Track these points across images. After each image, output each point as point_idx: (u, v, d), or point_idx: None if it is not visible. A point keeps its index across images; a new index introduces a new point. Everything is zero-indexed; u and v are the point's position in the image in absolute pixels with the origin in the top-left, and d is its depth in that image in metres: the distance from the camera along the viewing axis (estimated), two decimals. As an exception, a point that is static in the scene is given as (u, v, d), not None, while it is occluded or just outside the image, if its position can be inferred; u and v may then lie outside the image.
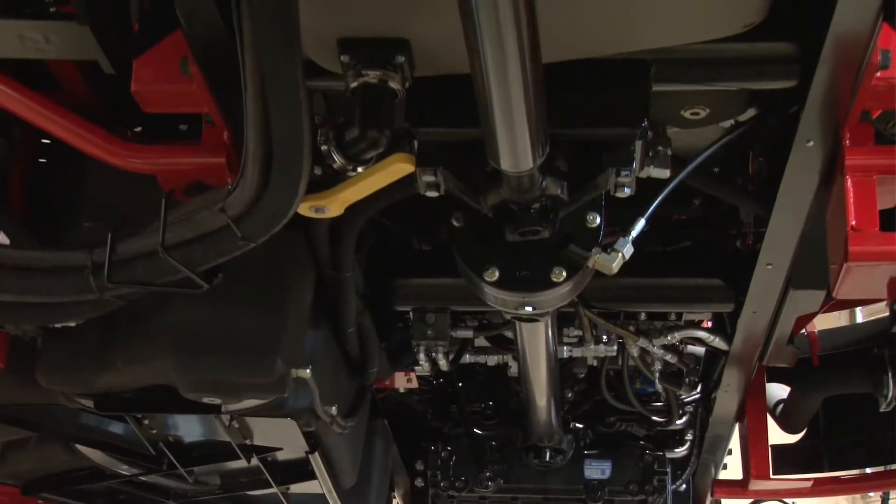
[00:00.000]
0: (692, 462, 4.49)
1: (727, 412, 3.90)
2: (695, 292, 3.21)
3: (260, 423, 2.93)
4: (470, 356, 3.83)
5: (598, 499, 4.13)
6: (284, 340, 2.53)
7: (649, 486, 4.14)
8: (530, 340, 3.04)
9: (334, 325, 2.95)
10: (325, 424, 3.06)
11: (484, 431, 4.29)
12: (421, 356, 3.35)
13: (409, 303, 3.29)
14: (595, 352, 3.48)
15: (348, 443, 3.41)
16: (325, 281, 2.80)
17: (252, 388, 2.56)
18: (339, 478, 3.45)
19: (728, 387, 3.64)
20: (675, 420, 4.08)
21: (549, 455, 4.08)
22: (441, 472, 4.21)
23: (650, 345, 3.38)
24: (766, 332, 3.17)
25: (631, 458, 4.21)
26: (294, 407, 2.82)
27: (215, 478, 3.50)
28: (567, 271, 2.19)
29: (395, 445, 4.29)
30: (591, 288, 3.22)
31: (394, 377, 3.79)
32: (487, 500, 4.25)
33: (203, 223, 2.13)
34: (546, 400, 3.64)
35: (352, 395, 3.26)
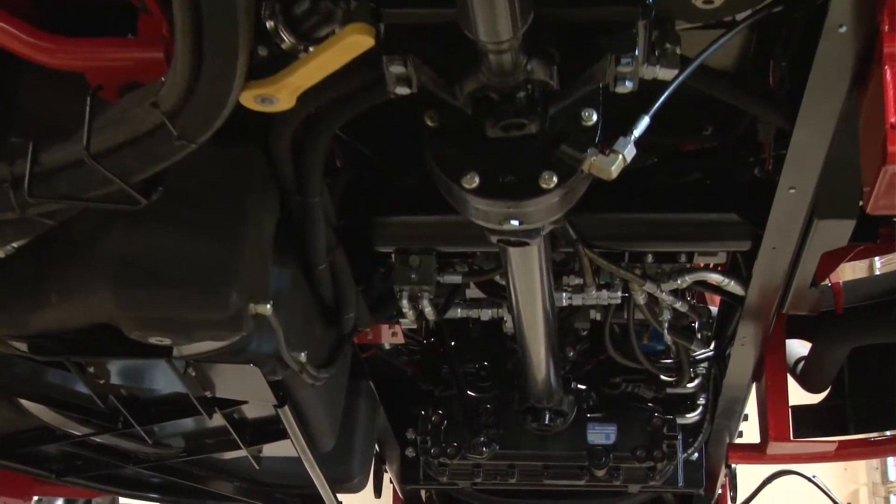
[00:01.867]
0: (705, 428, 4.23)
1: (743, 370, 3.63)
2: (707, 228, 2.93)
3: (221, 371, 2.67)
4: (462, 310, 3.58)
5: (602, 465, 3.86)
6: (240, 271, 2.26)
7: (658, 452, 3.87)
8: (523, 279, 2.77)
9: (304, 264, 2.68)
10: (296, 376, 2.79)
11: (478, 394, 4.02)
12: (404, 303, 3.09)
13: (390, 243, 3.03)
14: (597, 299, 3.21)
15: (325, 400, 3.15)
16: (291, 211, 2.54)
17: (204, 325, 2.29)
18: (315, 439, 3.19)
19: (744, 339, 3.36)
20: (685, 379, 3.81)
21: (549, 418, 3.82)
22: (431, 438, 3.94)
23: (658, 290, 3.11)
24: (787, 273, 2.90)
25: (638, 421, 3.93)
26: (257, 352, 2.55)
27: (179, 440, 3.24)
28: (558, 176, 1.92)
29: (381, 410, 4.02)
30: (592, 224, 2.99)
31: (378, 331, 3.53)
32: (482, 467, 3.98)
33: (135, 123, 1.87)
34: (544, 355, 3.38)
35: (327, 344, 2.99)
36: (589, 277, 3.06)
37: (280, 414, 2.86)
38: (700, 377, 4.13)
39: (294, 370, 2.70)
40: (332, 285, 2.81)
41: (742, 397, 3.91)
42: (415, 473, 4.38)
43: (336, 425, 3.32)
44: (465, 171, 1.94)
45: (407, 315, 3.18)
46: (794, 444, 3.50)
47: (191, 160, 2.26)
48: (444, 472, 4.02)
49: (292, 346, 2.63)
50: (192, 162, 2.27)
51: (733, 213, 2.89)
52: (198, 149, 2.23)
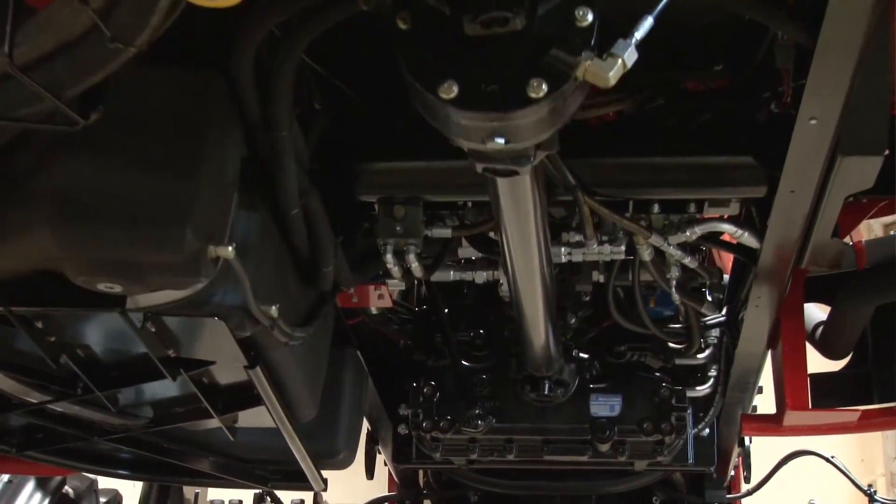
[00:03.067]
0: (716, 402, 4.01)
1: (757, 335, 3.40)
2: (719, 173, 2.72)
3: (183, 326, 2.45)
4: (455, 272, 3.37)
5: (606, 439, 3.64)
6: (196, 208, 2.05)
7: (666, 425, 3.64)
8: (516, 229, 2.56)
9: (275, 210, 2.47)
10: (270, 335, 2.57)
11: (473, 364, 3.80)
12: (388, 258, 2.88)
13: (373, 191, 2.83)
14: (599, 255, 2.99)
15: (304, 365, 2.93)
16: (258, 148, 2.32)
17: (157, 268, 2.07)
18: (293, 407, 2.97)
19: (759, 300, 3.14)
20: (695, 345, 3.59)
21: (548, 387, 3.60)
22: (423, 411, 3.72)
23: (665, 243, 2.89)
24: (807, 221, 2.68)
25: (644, 392, 3.70)
26: (222, 304, 2.34)
27: (146, 409, 3.03)
28: (548, 84, 1.70)
29: (370, 382, 3.81)
30: (593, 169, 2.77)
31: (364, 294, 3.31)
32: (478, 443, 3.76)
33: (63, 27, 1.67)
34: (542, 317, 3.16)
35: (304, 302, 2.78)
36: (590, 229, 2.84)
37: (252, 377, 2.65)
38: (711, 347, 3.91)
39: (265, 326, 2.48)
40: (307, 234, 2.59)
41: (756, 367, 3.69)
42: (408, 451, 4.17)
43: (317, 394, 3.10)
44: (443, 80, 1.72)
45: (392, 272, 2.97)
46: (813, 413, 3.28)
47: (141, 85, 2.07)
48: (437, 448, 3.80)
49: (262, 299, 2.42)
50: (142, 87, 2.07)
51: (747, 155, 2.68)
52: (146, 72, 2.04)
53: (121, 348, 2.66)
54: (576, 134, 2.84)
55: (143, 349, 2.55)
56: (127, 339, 2.52)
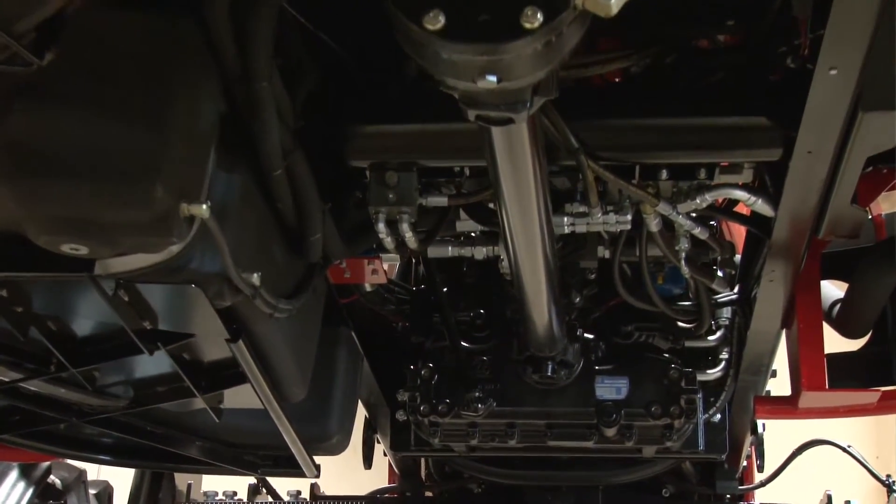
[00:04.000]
0: (728, 385, 3.86)
1: (771, 314, 3.26)
2: (731, 134, 2.58)
3: (158, 295, 2.32)
4: (454, 248, 3.24)
5: (612, 423, 3.49)
6: (167, 162, 1.92)
7: (675, 408, 3.49)
8: (514, 194, 2.41)
9: (257, 172, 2.33)
10: (254, 308, 2.44)
11: (473, 345, 3.66)
12: (381, 227, 2.74)
13: (364, 156, 2.69)
14: (604, 224, 2.84)
15: (292, 341, 2.80)
16: (238, 104, 2.18)
17: (125, 227, 1.94)
18: (281, 386, 2.84)
19: (773, 274, 3.00)
20: (706, 324, 3.44)
21: (552, 368, 3.45)
22: (421, 394, 3.58)
23: (673, 212, 2.75)
24: (825, 185, 2.53)
25: (652, 374, 3.56)
26: (199, 270, 2.20)
27: (126, 388, 2.89)
28: (544, 12, 1.56)
29: (365, 364, 3.67)
30: (597, 132, 2.63)
31: (357, 268, 3.18)
32: (478, 427, 3.61)
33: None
34: (545, 293, 3.01)
35: (291, 273, 2.65)
36: (593, 196, 2.70)
37: (234, 351, 2.51)
38: (722, 329, 3.77)
39: (247, 295, 2.34)
40: (292, 199, 2.45)
41: (770, 348, 3.55)
42: (406, 439, 4.03)
43: (307, 373, 2.97)
44: (428, 8, 1.58)
45: (385, 244, 2.83)
46: (831, 394, 3.14)
47: (107, 30, 1.94)
48: (436, 434, 3.65)
49: (243, 266, 2.28)
50: (108, 32, 1.94)
51: (762, 116, 2.53)
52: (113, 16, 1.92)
53: (95, 321, 2.53)
54: (578, 95, 2.73)
55: (118, 322, 2.42)
56: (100, 310, 2.38)
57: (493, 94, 1.76)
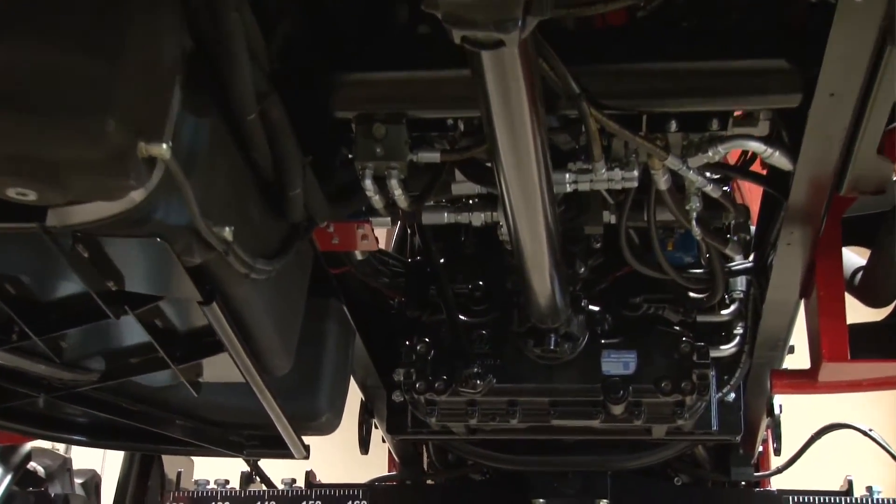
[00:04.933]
0: (743, 362, 3.69)
1: (789, 282, 3.09)
2: (746, 79, 2.41)
3: (120, 250, 2.14)
4: (449, 214, 3.07)
5: (619, 399, 3.31)
6: (121, 95, 1.75)
7: (687, 384, 3.30)
8: (509, 136, 2.24)
9: (230, 117, 2.16)
10: (228, 267, 2.27)
11: (471, 318, 3.48)
12: (368, 183, 2.58)
13: (350, 106, 2.53)
14: (609, 181, 2.67)
15: (273, 308, 2.64)
16: (206, 40, 2.02)
17: (76, 168, 1.77)
18: (263, 356, 2.67)
19: (791, 237, 2.82)
20: (719, 292, 3.26)
21: (554, 341, 3.27)
22: (416, 371, 3.40)
23: (684, 166, 2.57)
24: (848, 135, 2.36)
25: (662, 348, 3.37)
26: (165, 222, 2.03)
27: (98, 361, 2.73)
28: None
29: (358, 339, 3.50)
30: (601, 77, 2.46)
31: (346, 234, 3.01)
32: (477, 406, 3.44)
33: None
34: (546, 259, 2.84)
35: (271, 232, 2.49)
36: (597, 149, 2.53)
37: (208, 315, 2.34)
38: (737, 302, 3.60)
39: (219, 253, 2.18)
40: (269, 148, 2.28)
41: (787, 321, 3.37)
42: (403, 421, 3.87)
43: (291, 344, 2.80)
44: None
45: (374, 203, 2.67)
46: (853, 365, 2.96)
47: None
48: (433, 413, 3.48)
49: (214, 219, 2.12)
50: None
51: (779, 57, 2.36)
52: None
53: (58, 284, 2.37)
54: (579, 38, 2.56)
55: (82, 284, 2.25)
56: (62, 271, 2.22)
57: (478, 7, 1.59)
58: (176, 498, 4.61)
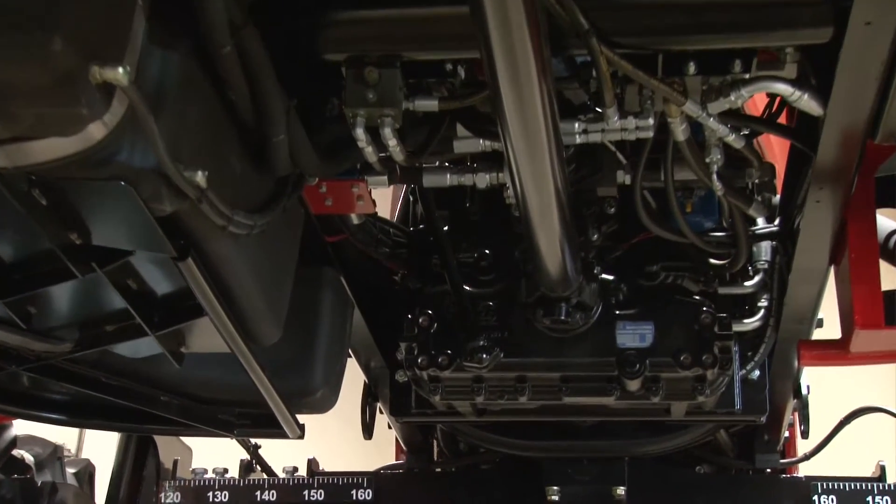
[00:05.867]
0: (768, 336, 3.49)
1: (818, 246, 2.91)
2: (772, 10, 2.22)
3: (86, 200, 1.98)
4: (452, 176, 2.90)
5: (635, 374, 3.12)
6: (71, 11, 1.58)
7: (708, 357, 3.10)
8: (510, 76, 2.07)
9: (204, 52, 1.99)
10: (204, 219, 2.10)
11: (477, 289, 3.30)
12: (359, 133, 2.40)
13: (339, 48, 2.37)
14: (623, 130, 2.49)
15: (258, 270, 2.46)
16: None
17: (20, 92, 1.61)
18: (248, 324, 2.50)
19: (820, 194, 2.64)
20: (742, 256, 3.07)
21: (566, 311, 3.08)
22: (419, 345, 3.22)
23: (703, 113, 2.39)
24: (885, 72, 2.17)
25: (681, 318, 3.16)
26: (129, 164, 1.87)
27: (71, 330, 2.56)
28: None
29: (356, 312, 3.33)
30: (613, 13, 2.28)
31: (339, 193, 2.84)
32: (484, 383, 3.25)
33: None
34: (556, 220, 2.66)
35: (254, 184, 2.32)
36: (608, 93, 2.35)
37: (183, 273, 2.16)
38: (761, 273, 3.41)
39: (193, 201, 2.00)
40: (247, 88, 2.10)
41: (816, 291, 3.18)
42: (406, 402, 3.68)
43: (280, 311, 2.63)
44: None
45: (367, 155, 2.49)
46: (889, 332, 2.77)
47: None
48: (436, 391, 3.29)
49: (185, 162, 1.94)
50: None
51: None
52: None
53: (19, 239, 2.20)
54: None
55: (45, 240, 2.09)
56: (22, 223, 2.05)
57: None
58: (172, 487, 4.43)
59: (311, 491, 4.38)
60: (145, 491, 4.52)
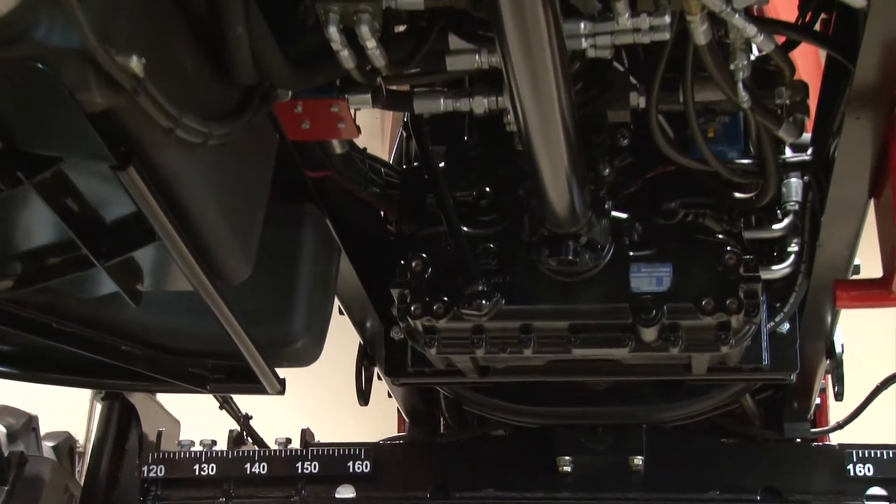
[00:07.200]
0: (799, 285, 3.20)
1: (856, 173, 2.62)
2: None
3: (4, 95, 1.71)
4: (447, 101, 2.65)
5: (651, 321, 2.83)
6: None
7: (732, 301, 2.81)
8: None
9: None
10: (150, 124, 1.84)
11: (476, 230, 3.02)
12: (332, 31, 2.15)
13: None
14: (634, 31, 2.22)
15: (221, 191, 2.20)
16: None
17: None
18: (210, 254, 2.23)
19: (860, 110, 2.35)
20: (771, 186, 2.80)
21: (573, 250, 2.79)
22: (411, 291, 2.94)
23: (727, 7, 2.11)
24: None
25: (702, 259, 2.87)
26: (47, 42, 1.61)
27: (12, 264, 2.29)
28: None
29: (343, 258, 3.07)
30: None
31: (319, 116, 2.58)
32: (484, 333, 2.97)
33: None
34: (560, 142, 2.39)
35: (211, 88, 2.05)
36: (616, -17, 2.07)
37: (125, 185, 1.89)
38: (791, 215, 3.12)
39: (129, 92, 1.73)
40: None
41: (852, 231, 2.90)
42: (402, 361, 3.41)
43: (248, 243, 2.36)
44: None
45: (343, 60, 2.23)
46: (938, 268, 2.48)
47: None
48: (432, 343, 3.00)
49: (117, 45, 1.67)
50: None
51: None
52: None
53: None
54: None
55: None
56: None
57: None
58: (155, 460, 4.18)
59: (304, 463, 4.11)
60: (128, 465, 4.27)
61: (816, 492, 3.79)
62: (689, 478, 3.85)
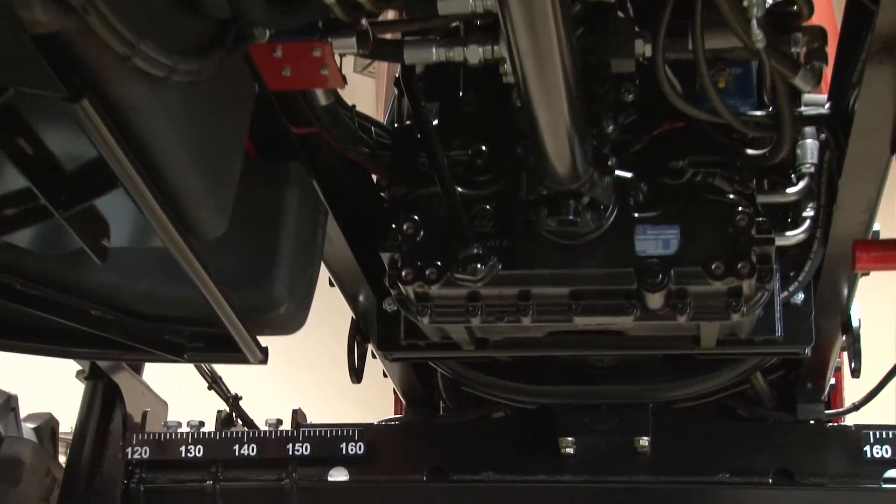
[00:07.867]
0: (814, 252, 3.04)
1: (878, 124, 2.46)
2: None
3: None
4: (439, 50, 2.52)
5: (658, 286, 2.66)
6: None
7: (744, 265, 2.63)
8: None
9: None
10: (107, 54, 1.69)
11: (472, 191, 2.86)
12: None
13: None
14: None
15: (191, 137, 2.04)
16: None
17: None
18: (178, 204, 2.08)
19: (884, 52, 2.18)
20: (786, 142, 2.63)
21: (574, 210, 2.63)
22: (402, 255, 2.78)
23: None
24: None
25: (712, 220, 2.69)
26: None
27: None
28: None
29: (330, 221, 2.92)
30: None
31: (301, 63, 2.42)
32: (480, 300, 2.80)
33: None
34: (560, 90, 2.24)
35: (178, 21, 1.89)
36: None
37: (80, 120, 1.74)
38: (806, 178, 2.96)
39: (76, 10, 1.58)
40: None
41: (873, 191, 2.74)
42: (395, 334, 3.24)
43: (223, 195, 2.22)
44: None
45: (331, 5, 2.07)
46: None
47: None
48: (425, 311, 2.83)
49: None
50: None
51: None
52: None
53: None
54: None
55: None
56: None
57: None
58: (139, 441, 4.03)
59: (295, 445, 3.96)
60: (111, 447, 4.12)
61: (831, 474, 3.64)
62: (698, 460, 3.71)
